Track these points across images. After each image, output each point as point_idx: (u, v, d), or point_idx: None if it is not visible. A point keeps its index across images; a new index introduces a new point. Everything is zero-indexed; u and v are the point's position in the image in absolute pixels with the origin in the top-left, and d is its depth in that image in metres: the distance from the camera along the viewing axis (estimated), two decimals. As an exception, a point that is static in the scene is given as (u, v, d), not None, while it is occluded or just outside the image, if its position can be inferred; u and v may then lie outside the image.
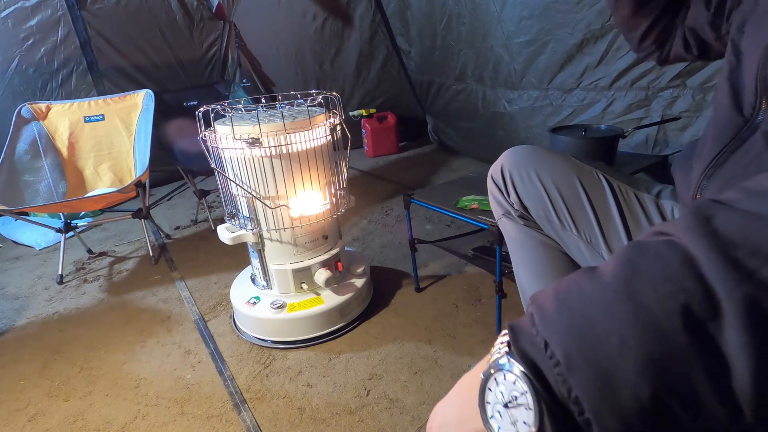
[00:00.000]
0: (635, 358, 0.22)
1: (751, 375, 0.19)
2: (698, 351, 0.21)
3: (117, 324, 1.53)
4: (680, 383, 0.21)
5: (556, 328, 0.25)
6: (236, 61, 3.17)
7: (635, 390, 0.22)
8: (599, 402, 0.23)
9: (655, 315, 0.22)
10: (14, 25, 2.53)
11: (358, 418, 1.05)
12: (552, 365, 0.25)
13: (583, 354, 0.23)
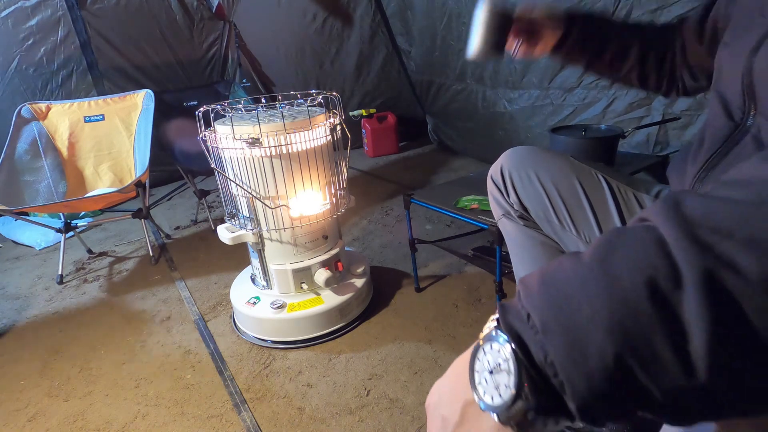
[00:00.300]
0: (603, 324, 0.24)
1: (706, 338, 0.21)
2: (660, 317, 0.23)
3: (117, 324, 1.53)
4: (642, 345, 0.23)
5: (537, 301, 0.27)
6: (236, 61, 3.17)
7: (601, 352, 0.24)
8: (570, 363, 0.25)
9: (624, 286, 0.24)
10: (14, 25, 2.53)
11: (358, 418, 1.05)
12: (533, 333, 0.27)
13: (558, 321, 0.26)
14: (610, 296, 0.24)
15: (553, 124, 2.13)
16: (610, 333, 0.24)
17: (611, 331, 0.24)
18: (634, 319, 0.23)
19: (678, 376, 0.23)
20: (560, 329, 0.26)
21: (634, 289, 0.24)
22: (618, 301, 0.24)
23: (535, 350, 0.27)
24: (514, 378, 0.27)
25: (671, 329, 0.23)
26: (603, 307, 0.24)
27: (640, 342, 0.23)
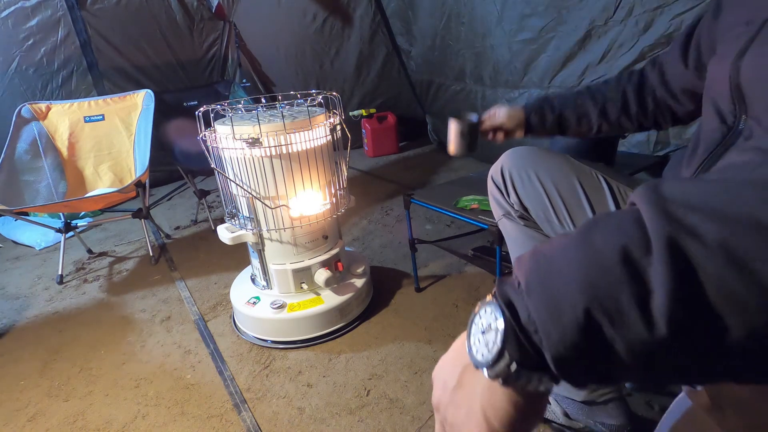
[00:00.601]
0: (577, 283, 0.27)
1: (666, 296, 0.24)
2: (628, 278, 0.25)
3: (117, 324, 1.53)
4: (610, 302, 0.26)
5: (525, 269, 0.30)
6: (236, 61, 3.17)
7: (574, 307, 0.27)
8: (547, 317, 0.28)
9: (600, 251, 0.27)
10: (14, 26, 2.53)
11: (358, 418, 1.05)
12: (520, 297, 0.30)
13: (540, 282, 0.29)
14: (587, 260, 0.27)
15: None
16: (582, 291, 0.27)
17: (584, 289, 0.27)
18: (605, 279, 0.26)
19: (640, 330, 0.25)
20: (541, 288, 0.29)
21: (608, 254, 0.26)
22: (592, 264, 0.27)
23: (521, 310, 0.30)
24: (501, 334, 0.30)
25: (637, 288, 0.25)
26: (579, 269, 0.27)
27: (608, 298, 0.26)
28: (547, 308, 0.28)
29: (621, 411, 0.87)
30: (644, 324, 0.25)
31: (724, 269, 0.23)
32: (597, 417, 0.88)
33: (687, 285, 0.24)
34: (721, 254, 0.24)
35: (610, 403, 0.87)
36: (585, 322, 0.26)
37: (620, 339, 0.26)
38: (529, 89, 2.31)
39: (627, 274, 0.25)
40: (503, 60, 2.37)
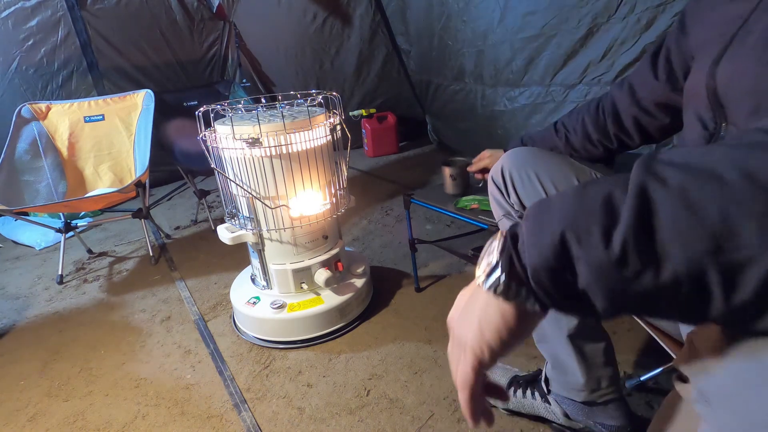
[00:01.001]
0: (561, 216, 0.32)
1: (627, 226, 0.28)
2: (603, 213, 0.30)
3: (117, 324, 1.53)
4: (582, 229, 0.30)
5: (529, 212, 0.35)
6: (236, 61, 3.17)
7: (552, 232, 0.32)
8: (530, 239, 0.33)
9: (588, 196, 0.31)
10: (14, 26, 2.53)
11: (358, 418, 1.05)
12: (520, 227, 0.35)
13: (536, 215, 0.34)
14: (576, 200, 0.32)
15: (554, 121, 2.14)
16: (563, 220, 0.31)
17: (565, 218, 0.31)
18: (584, 213, 0.31)
19: (600, 251, 0.29)
20: (534, 219, 0.34)
21: (594, 197, 0.31)
22: (579, 203, 0.32)
23: (519, 237, 0.35)
24: (498, 252, 0.36)
25: (607, 220, 0.29)
26: (567, 206, 0.32)
27: (582, 226, 0.30)
28: (533, 232, 0.33)
29: (621, 412, 0.87)
30: (604, 246, 0.29)
31: (678, 210, 0.27)
32: (597, 418, 0.88)
33: (646, 219, 0.28)
34: (679, 197, 0.27)
35: (610, 404, 0.87)
36: (559, 242, 0.31)
37: (584, 257, 0.30)
38: (530, 87, 2.31)
39: (603, 210, 0.30)
40: (504, 58, 2.37)
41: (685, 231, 0.26)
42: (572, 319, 0.84)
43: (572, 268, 0.31)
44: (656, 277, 0.28)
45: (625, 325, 1.24)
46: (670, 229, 0.27)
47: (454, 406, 1.05)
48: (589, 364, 0.86)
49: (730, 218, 0.25)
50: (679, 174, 0.28)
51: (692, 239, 0.26)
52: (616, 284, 0.29)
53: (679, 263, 0.27)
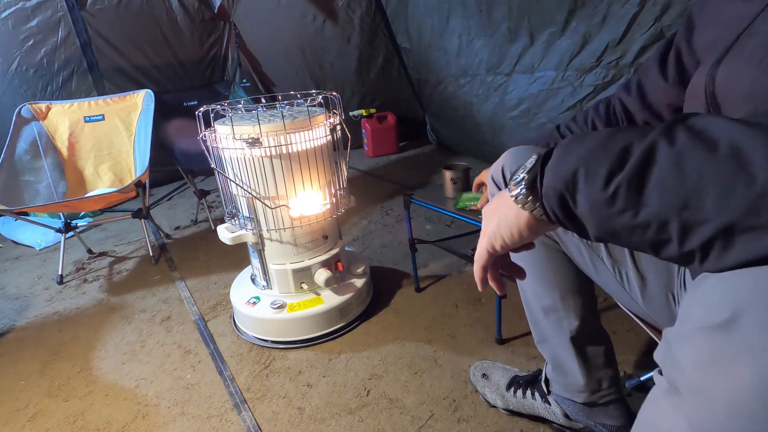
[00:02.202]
0: (583, 151, 0.38)
1: (625, 175, 0.35)
2: (616, 159, 0.35)
3: (117, 324, 1.53)
4: (593, 167, 0.37)
5: (565, 141, 0.42)
6: (236, 61, 3.17)
7: (570, 163, 0.39)
8: (553, 164, 0.41)
9: (614, 139, 0.37)
10: (14, 26, 2.53)
11: (358, 418, 1.05)
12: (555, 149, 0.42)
13: (567, 146, 0.41)
14: (601, 143, 0.37)
15: (570, 105, 2.14)
16: (582, 158, 0.38)
17: (584, 157, 0.38)
18: (602, 155, 0.37)
19: (599, 190, 0.36)
20: (564, 149, 0.40)
21: (617, 143, 0.36)
22: (602, 145, 0.37)
23: (548, 161, 0.42)
24: (529, 169, 0.44)
25: (615, 165, 0.35)
26: (592, 145, 0.38)
27: (593, 166, 0.37)
28: (558, 159, 0.40)
29: (621, 412, 0.87)
30: (603, 186, 0.36)
31: (669, 168, 0.33)
32: (597, 418, 0.88)
33: (644, 172, 0.34)
34: (675, 158, 0.32)
35: (611, 405, 0.87)
36: (572, 175, 0.38)
37: (584, 191, 0.37)
38: (546, 71, 2.31)
39: (618, 156, 0.35)
40: (524, 45, 2.37)
41: (667, 186, 0.32)
42: (573, 321, 0.84)
43: (574, 197, 0.39)
44: (633, 217, 0.35)
45: (625, 325, 1.24)
46: (657, 183, 0.33)
47: (454, 406, 1.05)
48: (589, 365, 0.86)
49: (702, 181, 0.31)
50: (688, 138, 0.32)
51: (670, 195, 0.32)
52: (603, 216, 0.37)
53: (653, 212, 0.34)
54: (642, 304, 0.69)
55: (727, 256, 0.32)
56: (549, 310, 0.85)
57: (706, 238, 0.32)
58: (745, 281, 0.30)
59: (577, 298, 0.83)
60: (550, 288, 0.84)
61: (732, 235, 0.31)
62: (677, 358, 0.34)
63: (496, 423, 1.00)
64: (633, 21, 1.84)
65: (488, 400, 1.03)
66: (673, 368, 0.35)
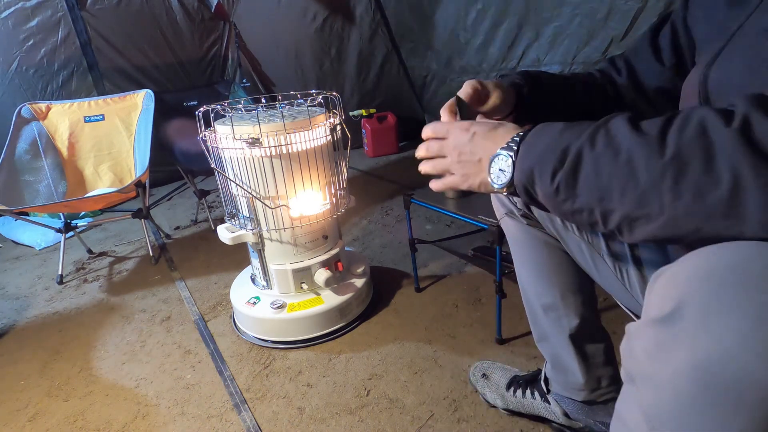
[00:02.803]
0: (539, 151, 0.46)
1: (564, 173, 0.44)
2: (559, 158, 0.44)
3: (117, 324, 1.53)
4: (544, 166, 0.46)
5: (529, 137, 0.49)
6: (236, 61, 3.17)
7: (530, 162, 0.47)
8: (520, 161, 0.48)
9: (562, 139, 0.45)
10: (14, 26, 2.53)
11: (358, 418, 1.05)
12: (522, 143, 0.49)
13: (528, 144, 0.48)
14: (551, 142, 0.45)
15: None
16: (538, 157, 0.46)
17: (539, 156, 0.46)
18: (549, 156, 0.45)
19: (548, 185, 0.45)
20: (527, 146, 0.48)
21: (561, 143, 0.44)
22: (551, 146, 0.45)
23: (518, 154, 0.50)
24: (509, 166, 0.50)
25: (558, 164, 0.44)
26: (544, 144, 0.46)
27: (545, 164, 0.45)
28: (521, 162, 0.48)
29: (621, 410, 0.87)
30: (550, 182, 0.44)
31: (590, 170, 0.42)
32: (597, 416, 0.88)
33: (576, 170, 0.43)
34: (593, 161, 0.42)
35: (610, 403, 0.87)
36: (530, 172, 0.47)
37: (539, 186, 0.46)
38: (551, 66, 2.32)
39: (560, 156, 0.44)
40: (524, 40, 2.37)
41: (591, 185, 0.42)
42: (573, 319, 0.84)
43: (534, 189, 0.47)
44: (572, 205, 0.44)
45: (625, 324, 1.24)
46: (584, 181, 0.42)
47: (454, 406, 1.05)
48: (589, 363, 0.86)
49: (610, 181, 0.40)
50: (603, 145, 0.41)
51: (593, 190, 0.42)
52: (553, 203, 0.46)
53: (583, 202, 0.43)
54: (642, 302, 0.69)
55: (633, 235, 0.41)
56: (549, 308, 0.85)
57: (617, 221, 0.42)
58: (689, 277, 0.35)
59: (577, 297, 0.83)
60: (550, 286, 0.84)
61: (631, 221, 0.41)
62: (633, 350, 0.38)
63: (496, 423, 1.00)
64: (637, 17, 1.85)
65: (488, 400, 1.03)
66: (630, 359, 0.39)
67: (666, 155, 0.37)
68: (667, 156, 0.37)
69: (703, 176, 0.35)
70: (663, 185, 0.37)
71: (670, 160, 0.37)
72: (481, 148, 0.54)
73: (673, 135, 0.38)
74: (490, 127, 0.55)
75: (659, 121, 0.39)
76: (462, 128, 0.57)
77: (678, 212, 0.37)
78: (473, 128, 0.56)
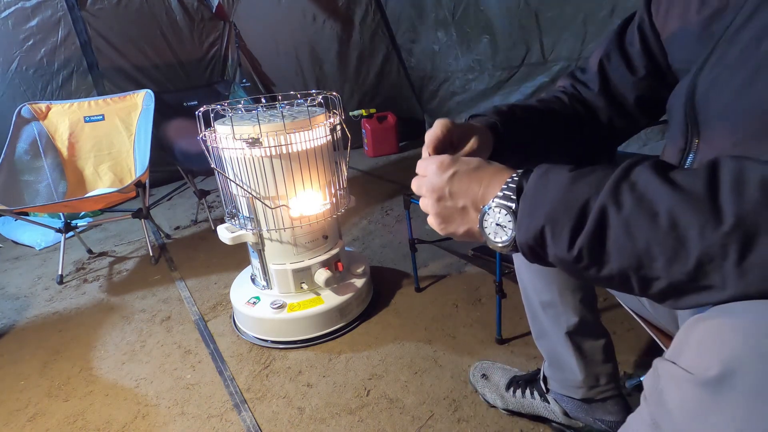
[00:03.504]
0: (548, 207, 0.40)
1: (588, 237, 0.38)
2: (576, 217, 0.38)
3: (117, 324, 1.53)
4: (557, 227, 0.39)
5: (528, 190, 0.42)
6: (236, 61, 3.17)
7: (537, 221, 0.40)
8: (523, 219, 0.42)
9: (574, 192, 0.39)
10: (14, 26, 2.54)
11: (358, 418, 1.05)
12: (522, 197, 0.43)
13: (532, 198, 0.42)
14: (563, 197, 0.39)
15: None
16: (548, 214, 0.40)
17: (548, 213, 0.40)
18: (564, 212, 0.39)
19: (565, 250, 0.39)
20: (529, 202, 0.42)
21: (576, 198, 0.39)
22: (563, 201, 0.39)
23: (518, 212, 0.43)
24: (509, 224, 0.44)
25: (576, 224, 0.38)
26: (554, 199, 0.40)
27: (558, 225, 0.39)
28: (526, 213, 0.41)
29: (620, 407, 0.87)
30: (568, 247, 0.39)
31: (621, 234, 0.36)
32: (596, 414, 0.88)
33: (601, 234, 0.37)
34: (625, 225, 0.36)
35: (609, 401, 0.87)
36: (540, 232, 0.40)
37: (552, 249, 0.40)
38: (558, 62, 2.34)
39: (577, 214, 0.38)
40: (530, 38, 2.38)
41: (623, 250, 0.36)
42: (571, 317, 0.84)
43: (544, 250, 0.41)
44: (598, 272, 0.38)
45: (625, 324, 1.24)
46: (613, 246, 0.37)
47: (454, 406, 1.05)
48: (587, 360, 0.86)
49: (650, 248, 0.35)
50: (632, 204, 0.36)
51: (625, 257, 0.36)
52: (571, 269, 0.40)
53: (614, 269, 0.37)
54: (647, 304, 0.69)
55: (680, 303, 0.36)
56: (548, 306, 0.85)
57: (661, 289, 0.36)
58: (736, 338, 0.31)
59: (576, 294, 0.83)
60: (549, 283, 0.84)
61: (681, 290, 0.35)
62: (664, 398, 0.35)
63: (496, 423, 1.00)
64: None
65: (488, 401, 1.03)
66: (658, 406, 0.36)
67: (725, 223, 0.32)
68: (727, 225, 0.31)
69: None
70: (726, 261, 0.32)
71: (732, 231, 0.31)
72: (464, 194, 0.47)
73: (728, 197, 0.32)
74: (473, 165, 0.48)
75: (701, 175, 0.34)
76: (439, 166, 0.49)
77: (749, 289, 0.32)
78: (453, 167, 0.48)
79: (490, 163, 0.48)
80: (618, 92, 0.68)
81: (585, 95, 0.70)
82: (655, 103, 0.67)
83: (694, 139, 0.52)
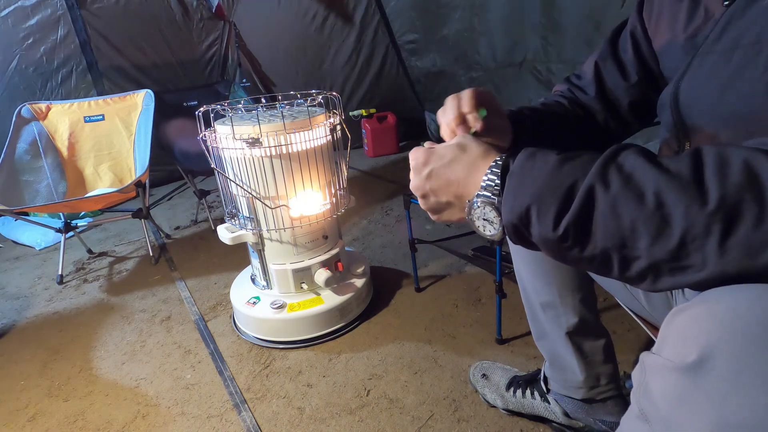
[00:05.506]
0: (533, 188, 0.41)
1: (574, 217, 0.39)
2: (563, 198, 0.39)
3: (117, 324, 1.53)
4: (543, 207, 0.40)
5: (515, 169, 0.44)
6: (236, 61, 3.17)
7: (523, 201, 0.41)
8: (508, 198, 0.43)
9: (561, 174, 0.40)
10: (14, 25, 2.53)
11: (358, 418, 1.05)
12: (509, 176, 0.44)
13: (518, 179, 0.43)
14: (549, 178, 0.40)
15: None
16: (533, 194, 0.41)
17: (534, 194, 0.41)
18: (550, 193, 0.39)
19: (550, 229, 0.40)
20: (516, 180, 0.43)
21: (562, 180, 0.39)
22: (549, 182, 0.40)
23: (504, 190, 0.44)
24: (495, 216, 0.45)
25: (562, 205, 0.39)
26: (540, 180, 0.40)
27: (544, 205, 0.40)
28: (511, 200, 0.42)
29: (620, 408, 0.87)
30: (553, 226, 0.39)
31: (607, 213, 0.37)
32: (596, 414, 0.88)
33: (587, 213, 0.37)
34: (611, 204, 0.36)
35: (609, 401, 0.87)
36: (525, 212, 0.41)
37: (537, 229, 0.41)
38: (560, 63, 2.34)
39: (564, 195, 0.39)
40: (539, 34, 2.38)
41: (608, 229, 0.37)
42: (571, 317, 0.84)
43: (528, 229, 0.42)
44: (581, 252, 0.39)
45: (625, 324, 1.24)
46: (599, 225, 0.37)
47: (454, 406, 1.05)
48: (587, 361, 0.86)
49: (635, 227, 0.35)
50: (619, 184, 0.36)
51: (610, 236, 0.37)
52: (554, 249, 0.41)
53: (597, 249, 0.38)
54: (644, 302, 0.69)
55: (657, 284, 0.37)
56: (548, 306, 0.85)
57: (640, 269, 0.37)
58: (713, 324, 0.32)
59: (576, 295, 0.83)
60: (549, 284, 0.84)
61: (660, 270, 0.36)
62: (649, 388, 0.36)
63: (496, 423, 1.00)
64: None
65: (488, 401, 1.03)
66: (645, 397, 0.37)
67: (710, 204, 0.32)
68: (712, 205, 0.32)
69: (757, 233, 0.31)
70: (709, 240, 0.33)
71: (716, 210, 0.32)
72: (444, 191, 0.49)
73: (713, 179, 0.33)
74: (447, 159, 0.49)
75: (686, 159, 0.35)
76: (415, 167, 0.51)
77: (728, 268, 0.33)
78: (428, 166, 0.50)
79: (465, 149, 0.49)
80: (613, 96, 0.70)
81: (582, 99, 0.72)
82: (647, 108, 0.68)
83: (686, 141, 0.54)
